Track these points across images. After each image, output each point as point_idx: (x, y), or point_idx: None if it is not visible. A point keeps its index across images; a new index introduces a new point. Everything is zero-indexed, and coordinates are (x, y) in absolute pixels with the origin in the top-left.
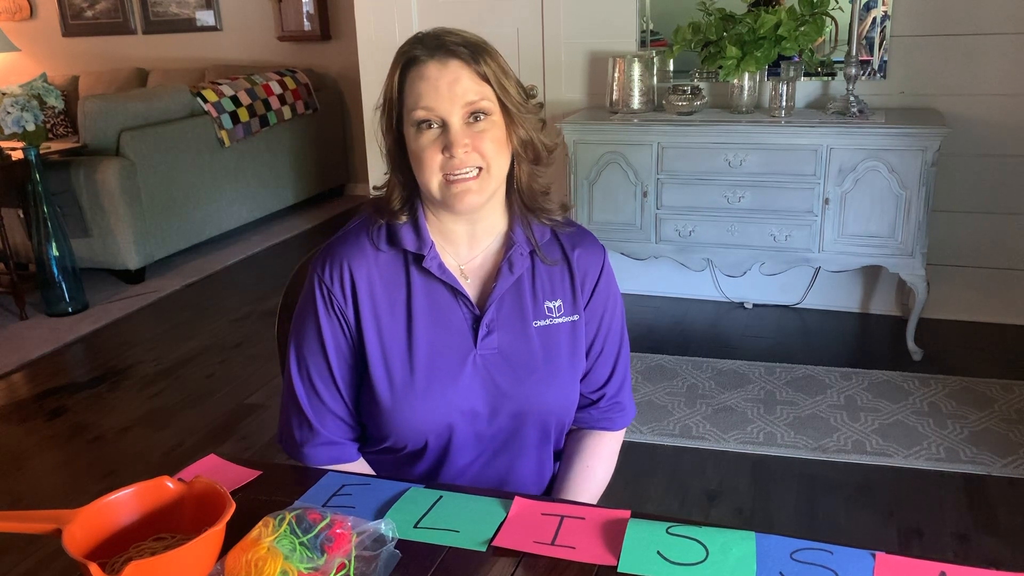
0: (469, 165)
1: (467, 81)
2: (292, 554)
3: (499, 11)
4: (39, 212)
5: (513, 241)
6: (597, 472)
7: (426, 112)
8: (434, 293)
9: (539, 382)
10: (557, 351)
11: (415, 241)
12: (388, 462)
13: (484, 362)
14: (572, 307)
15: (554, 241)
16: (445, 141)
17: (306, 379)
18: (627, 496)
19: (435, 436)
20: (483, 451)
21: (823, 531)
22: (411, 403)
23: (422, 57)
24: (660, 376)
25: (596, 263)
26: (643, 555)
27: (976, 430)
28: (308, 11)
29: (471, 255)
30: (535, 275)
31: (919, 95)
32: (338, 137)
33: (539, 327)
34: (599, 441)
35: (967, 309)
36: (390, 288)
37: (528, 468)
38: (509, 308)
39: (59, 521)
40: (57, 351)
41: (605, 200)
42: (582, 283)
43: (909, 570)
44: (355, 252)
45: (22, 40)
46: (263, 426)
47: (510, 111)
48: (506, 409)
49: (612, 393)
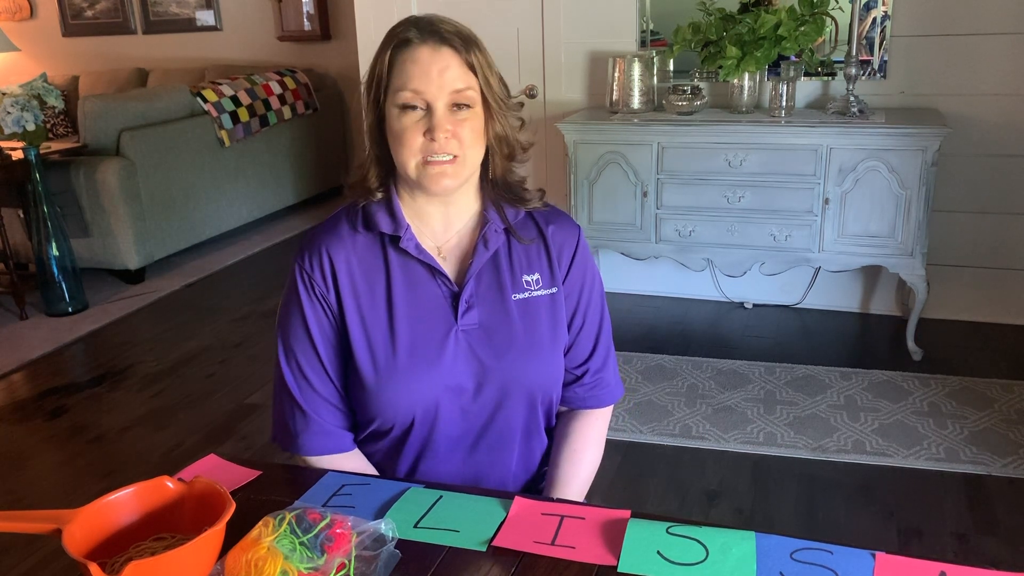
0: (447, 151)
1: (456, 69)
2: (292, 554)
3: (499, 11)
4: (39, 212)
5: (487, 219)
6: (586, 455)
7: (413, 95)
8: (412, 273)
9: (521, 354)
10: (537, 323)
11: (390, 223)
12: (379, 452)
13: (466, 337)
14: (550, 280)
15: (528, 219)
16: (428, 124)
17: (295, 368)
18: (627, 496)
19: (421, 413)
20: (470, 428)
21: (823, 531)
22: (395, 381)
23: (415, 40)
24: (660, 376)
25: (571, 238)
26: (643, 555)
27: (976, 430)
28: (308, 11)
29: (446, 236)
30: (511, 250)
31: (919, 95)
32: (338, 137)
33: (518, 300)
34: (586, 421)
35: (967, 309)
36: (369, 270)
37: (515, 447)
38: (487, 283)
39: (59, 521)
40: (57, 351)
41: (605, 200)
42: (558, 257)
43: (909, 570)
44: (333, 238)
45: (22, 40)
46: (263, 426)
47: (490, 105)
48: (490, 383)
49: (596, 368)
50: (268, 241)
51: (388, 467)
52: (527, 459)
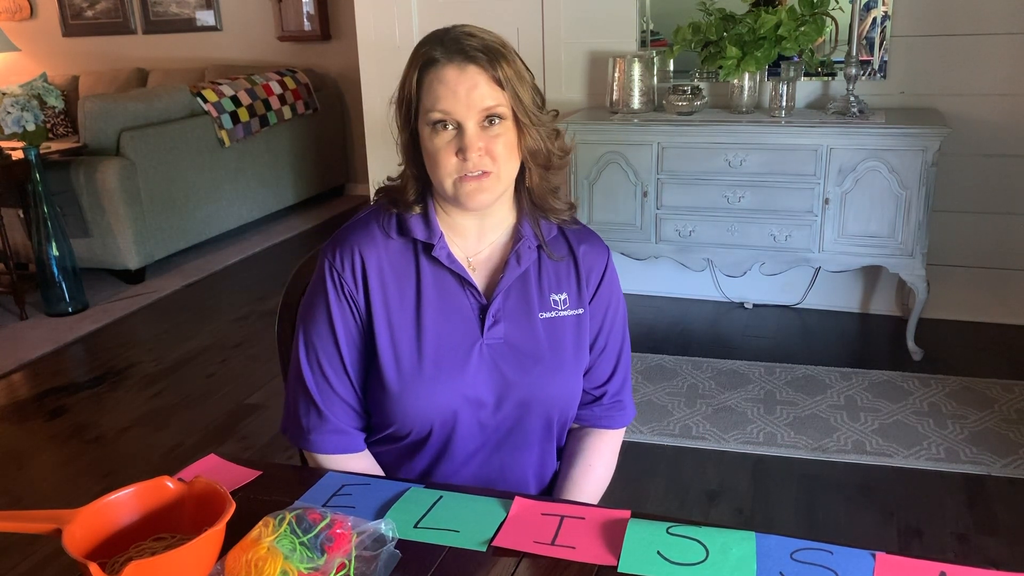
0: (481, 168)
1: (484, 87)
2: (292, 554)
3: (499, 11)
4: (39, 212)
5: (521, 235)
6: (599, 470)
7: (443, 115)
8: (442, 282)
9: (544, 372)
10: (562, 343)
11: (425, 231)
12: (391, 453)
13: (490, 351)
14: (577, 301)
15: (560, 237)
16: (460, 144)
17: (315, 364)
18: (627, 496)
19: (440, 423)
20: (486, 442)
21: (823, 531)
22: (417, 389)
23: (441, 60)
24: (660, 376)
25: (601, 260)
26: (643, 555)
27: (976, 430)
28: (308, 11)
29: (479, 248)
30: (541, 268)
31: (919, 95)
32: (338, 137)
33: (545, 319)
34: (600, 439)
35: (967, 309)
36: (400, 275)
37: (530, 462)
38: (515, 299)
39: (59, 521)
40: (57, 351)
41: (605, 200)
42: (587, 278)
43: (909, 570)
44: (365, 239)
45: (22, 40)
46: (263, 426)
47: (520, 120)
48: (511, 399)
49: (614, 391)
50: (268, 241)
51: (399, 472)
52: (540, 468)
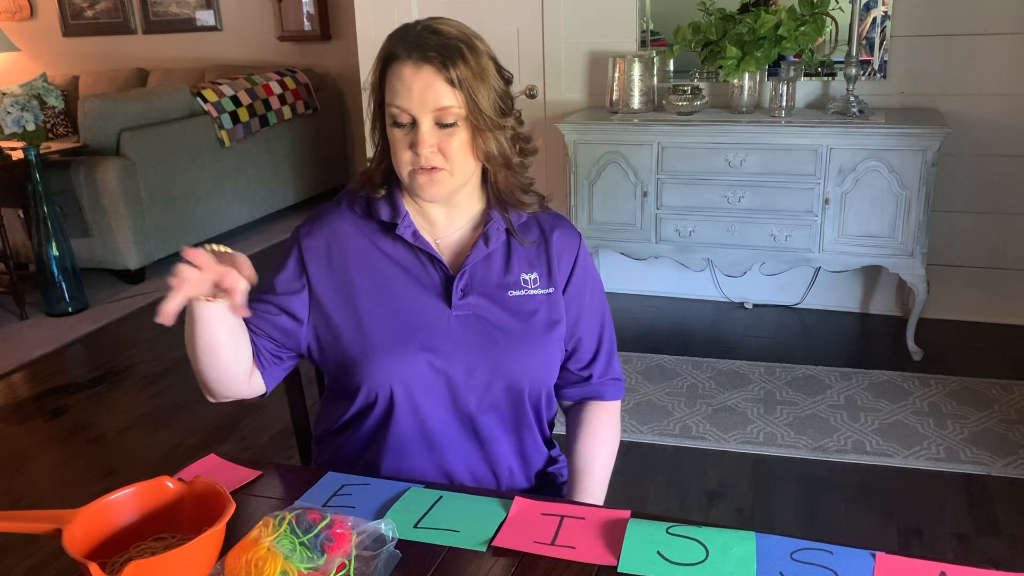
0: (432, 164)
1: (438, 88)
2: (292, 554)
3: (499, 11)
4: (39, 212)
5: (490, 217)
6: (605, 437)
7: (399, 111)
8: (409, 259)
9: (512, 344)
10: (533, 318)
11: (390, 212)
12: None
13: (459, 323)
14: (548, 281)
15: (532, 221)
16: (413, 139)
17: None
18: (627, 496)
19: (405, 390)
20: (459, 415)
21: (823, 531)
22: (381, 351)
23: (401, 56)
24: (660, 376)
25: (572, 244)
26: (643, 555)
27: (976, 430)
28: (308, 11)
29: (447, 232)
30: (511, 250)
31: (919, 95)
32: (338, 137)
33: (515, 296)
34: (598, 409)
35: (967, 309)
36: (365, 251)
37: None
38: (484, 276)
39: (59, 521)
40: (57, 351)
41: (605, 200)
42: (558, 259)
43: (909, 570)
44: (335, 217)
45: (22, 40)
46: (263, 426)
47: (473, 124)
48: (480, 370)
49: (600, 372)
50: (268, 241)
51: (376, 456)
52: (521, 452)
